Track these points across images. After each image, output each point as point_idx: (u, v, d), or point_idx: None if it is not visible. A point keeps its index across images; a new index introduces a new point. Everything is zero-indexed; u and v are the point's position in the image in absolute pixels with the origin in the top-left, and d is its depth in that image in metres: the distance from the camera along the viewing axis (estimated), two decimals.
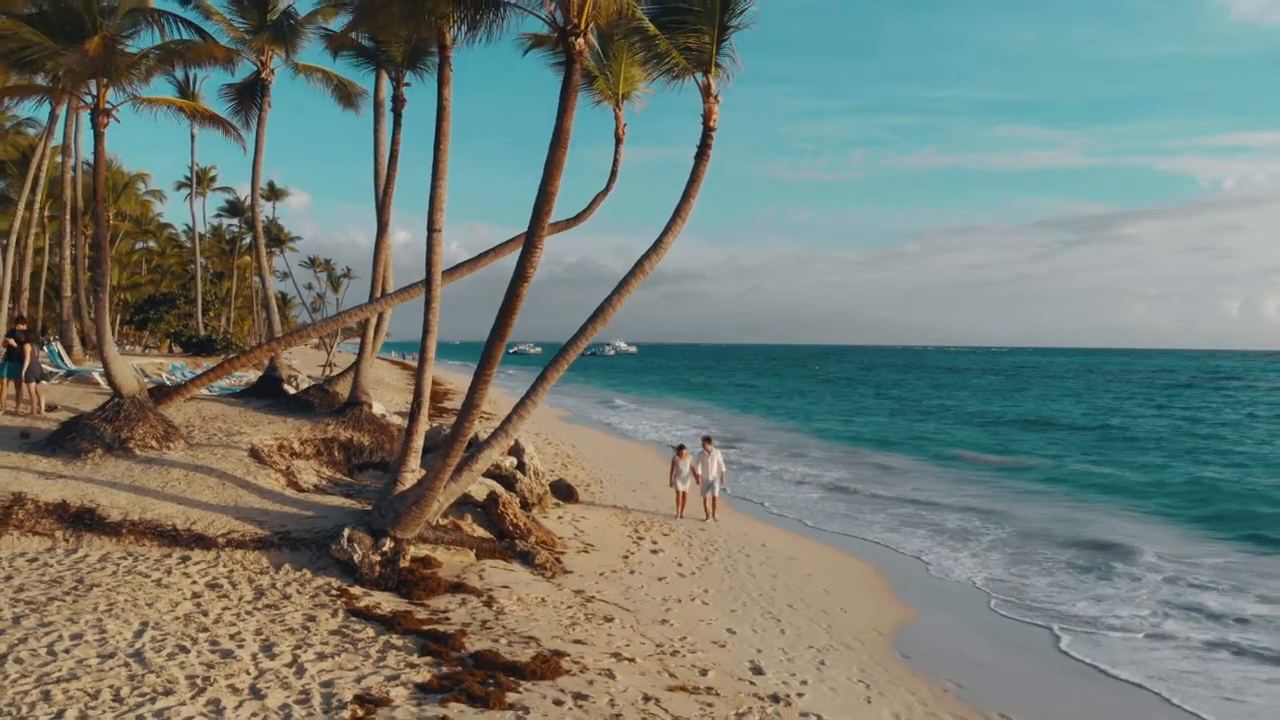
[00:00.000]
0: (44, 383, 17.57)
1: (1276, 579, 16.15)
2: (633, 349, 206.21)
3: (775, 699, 9.34)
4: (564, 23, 10.31)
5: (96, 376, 20.87)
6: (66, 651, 8.24)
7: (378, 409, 20.15)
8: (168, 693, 7.56)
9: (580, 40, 10.09)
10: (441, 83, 12.45)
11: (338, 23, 19.98)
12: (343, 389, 20.02)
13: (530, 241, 10.69)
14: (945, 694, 10.61)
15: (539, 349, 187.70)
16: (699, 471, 18.75)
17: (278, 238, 62.96)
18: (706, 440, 19.47)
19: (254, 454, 15.01)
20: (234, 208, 64.07)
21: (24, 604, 9.48)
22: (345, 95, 21.61)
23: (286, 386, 20.91)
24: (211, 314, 59.04)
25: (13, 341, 16.41)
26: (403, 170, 19.34)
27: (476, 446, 13.06)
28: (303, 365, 64.50)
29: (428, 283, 13.09)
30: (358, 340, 77.25)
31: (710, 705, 8.78)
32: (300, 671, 8.36)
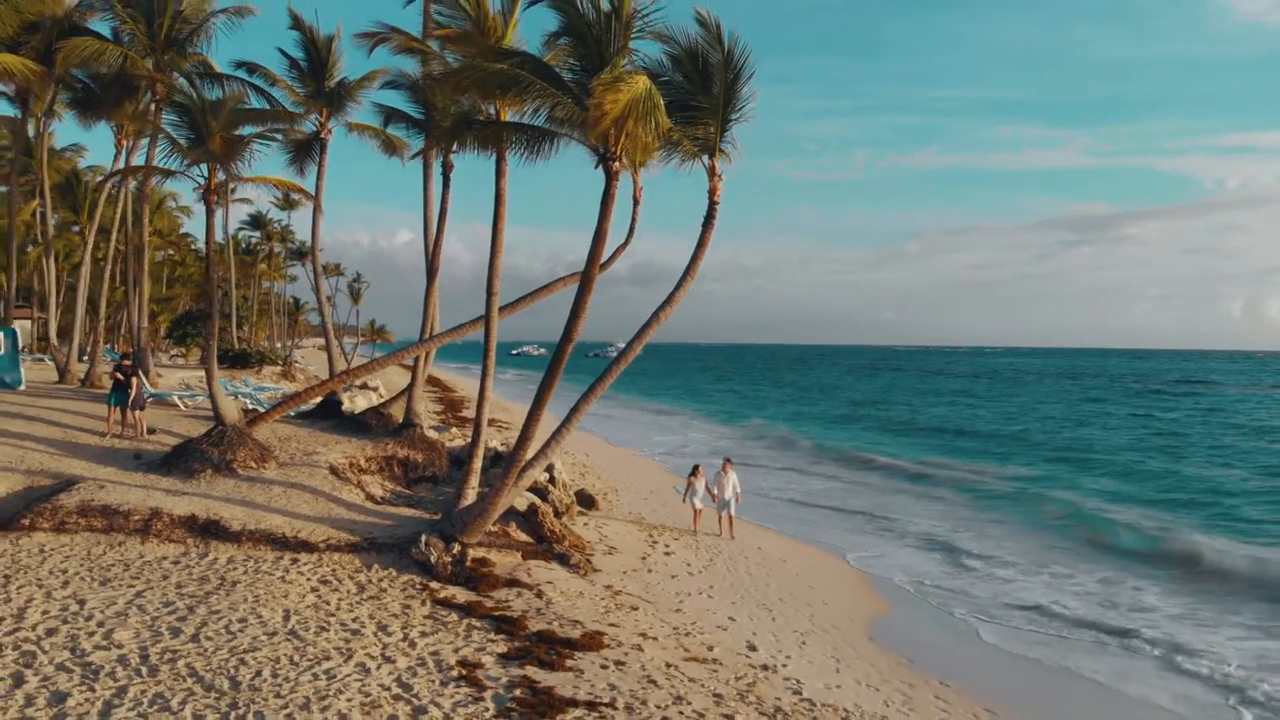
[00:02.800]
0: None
1: (1088, 574, 19.55)
2: None
3: (765, 668, 12.23)
4: (604, 150, 13.17)
5: (175, 399, 23.75)
6: (241, 631, 11.10)
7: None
8: (326, 658, 10.44)
9: (617, 164, 12.97)
10: (498, 175, 15.27)
11: (386, 94, 22.95)
12: (396, 412, 22.89)
13: (575, 312, 13.59)
14: (900, 666, 13.54)
15: (542, 350, 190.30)
16: (714, 491, 20.78)
17: (299, 250, 65.86)
18: (726, 461, 21.56)
19: (333, 471, 17.90)
20: (255, 221, 66.87)
21: (189, 597, 12.33)
22: (391, 148, 24.54)
23: (345, 408, 23.77)
24: (245, 327, 61.92)
25: (120, 375, 19.33)
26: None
27: (523, 465, 15.91)
28: (320, 370, 67.42)
29: (486, 335, 15.99)
30: (372, 343, 79.48)
31: (715, 671, 11.67)
32: (412, 645, 11.24)
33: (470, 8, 14.83)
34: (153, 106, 24.35)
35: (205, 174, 16.61)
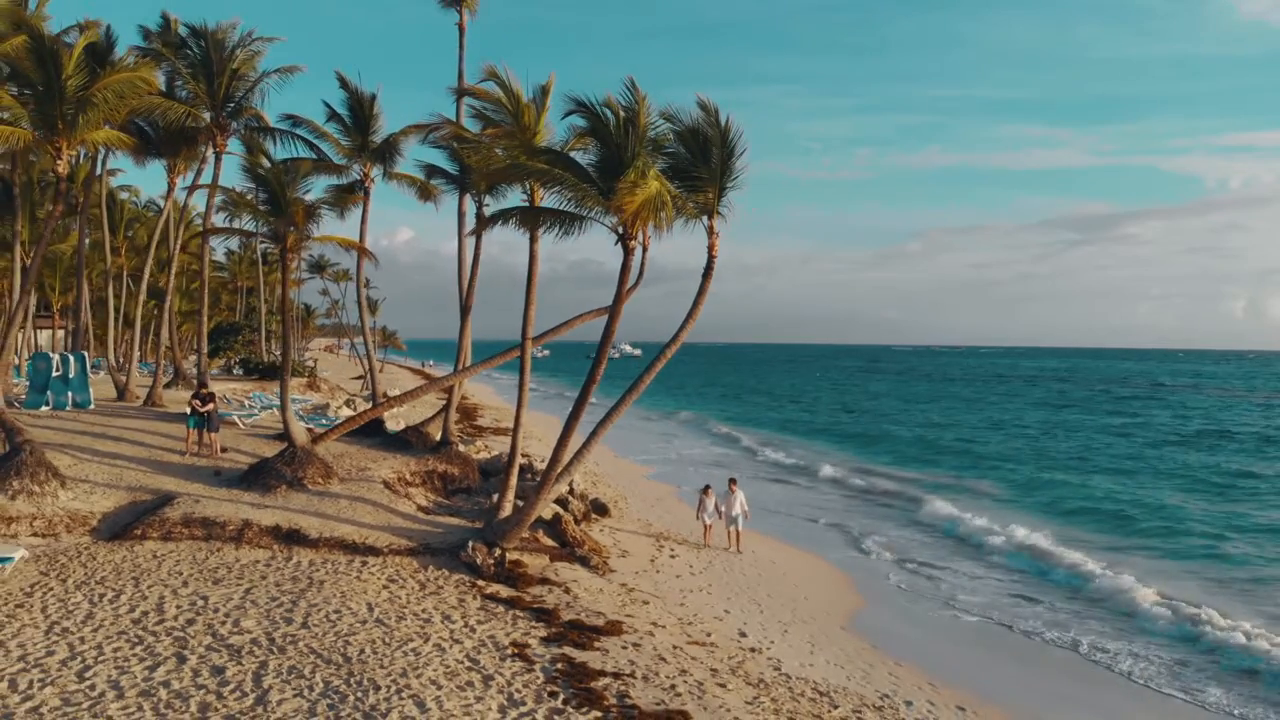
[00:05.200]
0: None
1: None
2: (637, 352, 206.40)
3: (753, 650, 15.20)
4: (623, 231, 16.13)
5: (235, 418, 26.70)
6: (338, 619, 14.02)
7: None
8: (409, 640, 13.38)
9: (634, 241, 15.92)
10: (532, 239, 18.20)
11: (425, 150, 25.92)
12: (433, 430, 25.86)
13: (597, 359, 16.55)
14: (866, 649, 16.49)
15: (546, 352, 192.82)
16: (722, 509, 23.02)
17: (318, 263, 68.82)
18: (732, 481, 23.88)
19: (386, 485, 20.86)
20: (274, 234, 69.83)
21: (288, 593, 15.25)
22: (426, 194, 27.48)
23: (388, 426, 26.74)
24: (271, 340, 64.82)
25: (198, 403, 22.31)
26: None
27: (551, 484, 18.84)
28: (334, 376, 70.40)
29: (520, 372, 18.98)
30: (384, 348, 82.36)
31: (712, 652, 14.63)
32: (472, 630, 14.18)
33: (509, 104, 17.76)
34: (211, 155, 27.29)
35: (282, 236, 19.55)
